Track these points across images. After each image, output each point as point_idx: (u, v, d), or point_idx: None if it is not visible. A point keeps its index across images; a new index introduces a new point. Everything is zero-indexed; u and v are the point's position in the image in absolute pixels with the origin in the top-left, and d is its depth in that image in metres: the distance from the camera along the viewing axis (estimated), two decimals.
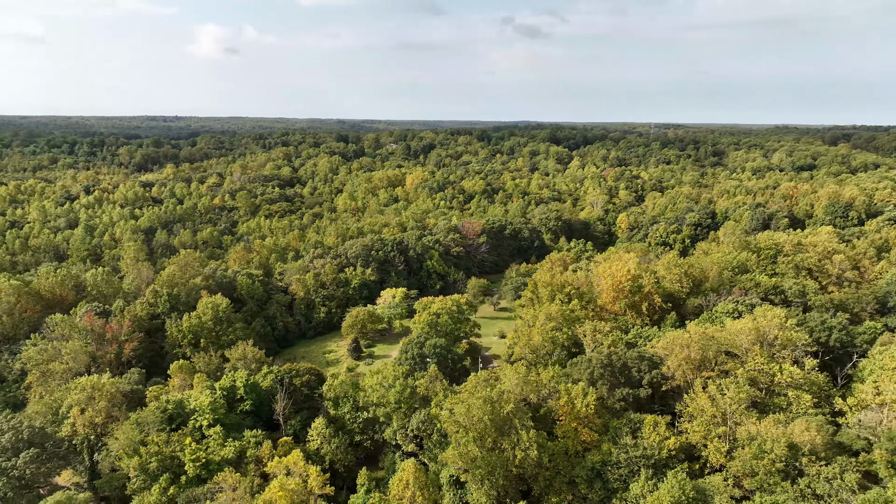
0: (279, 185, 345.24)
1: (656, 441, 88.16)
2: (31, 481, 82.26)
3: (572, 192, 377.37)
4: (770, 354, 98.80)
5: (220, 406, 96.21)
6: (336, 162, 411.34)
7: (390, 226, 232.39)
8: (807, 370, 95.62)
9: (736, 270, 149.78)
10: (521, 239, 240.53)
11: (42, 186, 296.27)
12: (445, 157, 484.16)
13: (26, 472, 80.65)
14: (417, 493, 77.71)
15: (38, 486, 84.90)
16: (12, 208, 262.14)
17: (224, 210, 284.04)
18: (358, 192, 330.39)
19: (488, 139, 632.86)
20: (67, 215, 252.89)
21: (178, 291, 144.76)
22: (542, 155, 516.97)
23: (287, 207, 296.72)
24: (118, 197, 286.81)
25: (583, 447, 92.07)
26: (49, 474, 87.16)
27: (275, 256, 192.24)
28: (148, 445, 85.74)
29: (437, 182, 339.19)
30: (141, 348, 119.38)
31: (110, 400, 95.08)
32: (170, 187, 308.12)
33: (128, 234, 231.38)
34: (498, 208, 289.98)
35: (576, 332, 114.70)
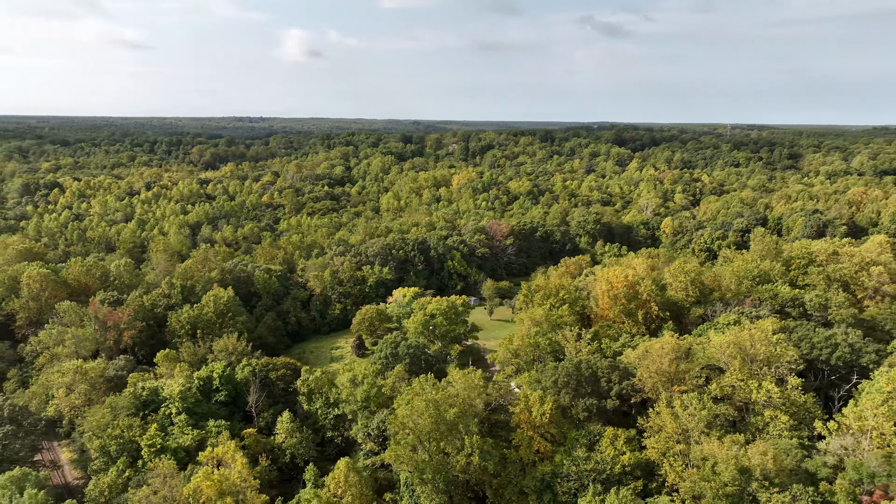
0: (329, 184, 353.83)
1: (611, 455, 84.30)
2: (8, 456, 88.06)
3: (625, 194, 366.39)
4: (751, 371, 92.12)
5: (190, 395, 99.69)
6: (389, 162, 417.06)
7: (420, 225, 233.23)
8: (790, 389, 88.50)
9: (756, 280, 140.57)
10: (552, 241, 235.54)
11: (109, 182, 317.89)
12: (501, 158, 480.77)
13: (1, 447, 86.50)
14: (348, 491, 77.66)
15: (18, 461, 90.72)
16: (79, 202, 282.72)
17: (270, 207, 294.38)
18: (402, 191, 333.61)
19: (551, 140, 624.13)
20: (125, 209, 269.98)
21: (192, 284, 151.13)
22: (601, 156, 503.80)
23: (331, 206, 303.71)
24: (175, 193, 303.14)
25: (538, 457, 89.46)
26: (30, 449, 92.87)
27: (298, 253, 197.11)
28: (112, 429, 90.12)
29: (483, 183, 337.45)
30: (141, 336, 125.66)
31: (91, 384, 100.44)
32: (224, 185, 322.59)
33: (174, 228, 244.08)
34: (538, 210, 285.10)
35: (557, 338, 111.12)
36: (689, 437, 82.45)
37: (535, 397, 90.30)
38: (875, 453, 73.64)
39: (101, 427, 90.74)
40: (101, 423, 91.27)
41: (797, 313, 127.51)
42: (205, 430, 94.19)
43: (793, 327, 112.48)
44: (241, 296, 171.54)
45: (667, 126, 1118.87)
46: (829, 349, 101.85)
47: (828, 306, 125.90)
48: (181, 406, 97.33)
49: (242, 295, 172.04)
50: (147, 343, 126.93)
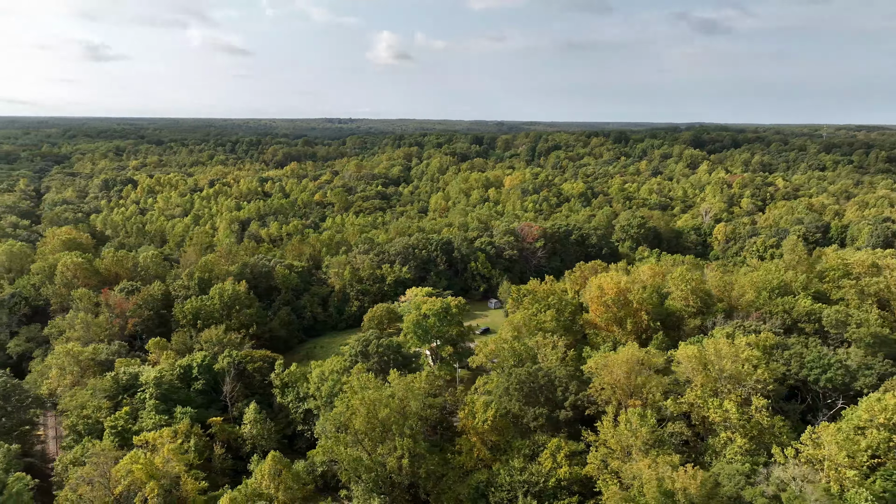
0: (383, 184, 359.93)
1: (548, 468, 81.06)
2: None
3: (689, 198, 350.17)
4: (717, 388, 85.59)
5: (165, 381, 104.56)
6: (447, 162, 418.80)
7: (453, 226, 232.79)
8: (753, 409, 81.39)
9: (776, 291, 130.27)
10: (587, 245, 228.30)
11: (178, 179, 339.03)
12: (564, 159, 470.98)
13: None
14: (272, 484, 78.93)
15: (7, 432, 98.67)
16: (146, 198, 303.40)
17: (319, 205, 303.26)
18: (452, 192, 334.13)
19: (625, 141, 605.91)
20: (185, 205, 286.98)
21: (209, 276, 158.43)
22: (672, 158, 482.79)
23: (378, 205, 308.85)
24: (234, 190, 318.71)
25: (482, 464, 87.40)
26: (18, 423, 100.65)
27: (326, 250, 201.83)
28: (84, 409, 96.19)
29: (533, 184, 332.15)
30: (147, 324, 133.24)
31: (81, 366, 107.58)
32: (281, 183, 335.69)
33: (224, 223, 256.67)
34: (584, 213, 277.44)
35: (530, 343, 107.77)
36: (629, 454, 77.85)
37: (480, 403, 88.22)
38: (818, 486, 66.62)
39: (77, 406, 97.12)
40: (77, 402, 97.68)
41: (812, 329, 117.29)
42: (171, 416, 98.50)
43: (790, 344, 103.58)
44: (262, 290, 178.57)
45: (763, 127, 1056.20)
46: (819, 370, 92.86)
47: (847, 323, 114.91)
48: (155, 392, 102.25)
49: (263, 289, 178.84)
50: (154, 331, 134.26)
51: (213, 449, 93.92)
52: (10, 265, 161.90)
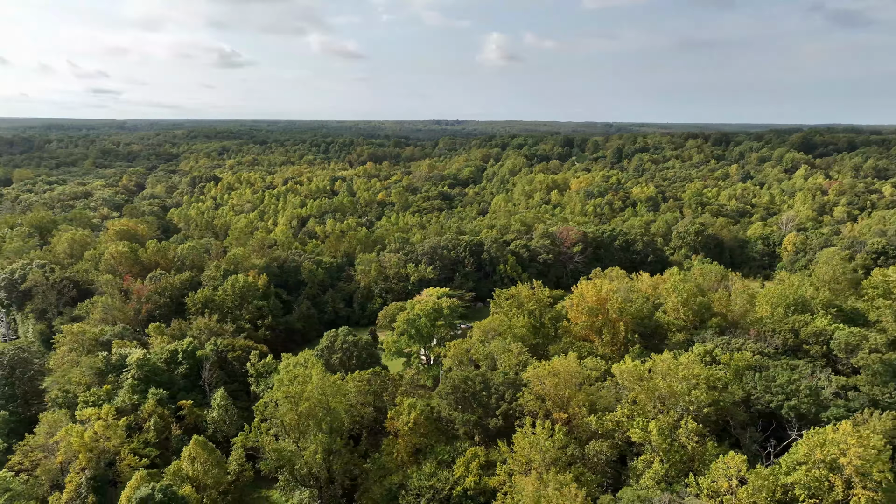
0: (450, 185, 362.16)
1: (457, 476, 79.20)
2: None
3: (776, 204, 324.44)
4: (655, 408, 79.40)
5: (148, 364, 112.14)
6: (520, 163, 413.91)
7: (496, 227, 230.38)
8: (681, 432, 74.74)
9: (791, 308, 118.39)
10: (632, 251, 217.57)
11: (256, 177, 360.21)
12: (647, 162, 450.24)
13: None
14: (197, 467, 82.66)
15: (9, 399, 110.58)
16: (223, 194, 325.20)
17: (380, 205, 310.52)
18: (516, 193, 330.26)
19: (726, 143, 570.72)
20: (255, 202, 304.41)
21: (234, 268, 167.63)
22: (770, 162, 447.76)
23: (438, 205, 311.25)
24: (304, 189, 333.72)
25: (401, 466, 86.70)
26: (24, 391, 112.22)
27: (360, 248, 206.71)
28: (66, 384, 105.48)
29: (601, 187, 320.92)
30: (161, 311, 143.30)
31: (84, 346, 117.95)
32: (349, 182, 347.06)
33: (285, 219, 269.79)
34: (641, 218, 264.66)
35: (490, 348, 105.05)
36: (531, 469, 74.17)
37: (406, 405, 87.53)
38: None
39: (64, 381, 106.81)
40: (65, 378, 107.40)
41: (819, 352, 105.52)
42: (145, 396, 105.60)
43: (770, 366, 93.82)
44: (291, 284, 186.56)
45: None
46: (783, 396, 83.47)
47: (860, 348, 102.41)
48: (136, 372, 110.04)
49: (292, 283, 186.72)
50: (169, 317, 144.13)
51: (171, 430, 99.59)
52: (71, 251, 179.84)
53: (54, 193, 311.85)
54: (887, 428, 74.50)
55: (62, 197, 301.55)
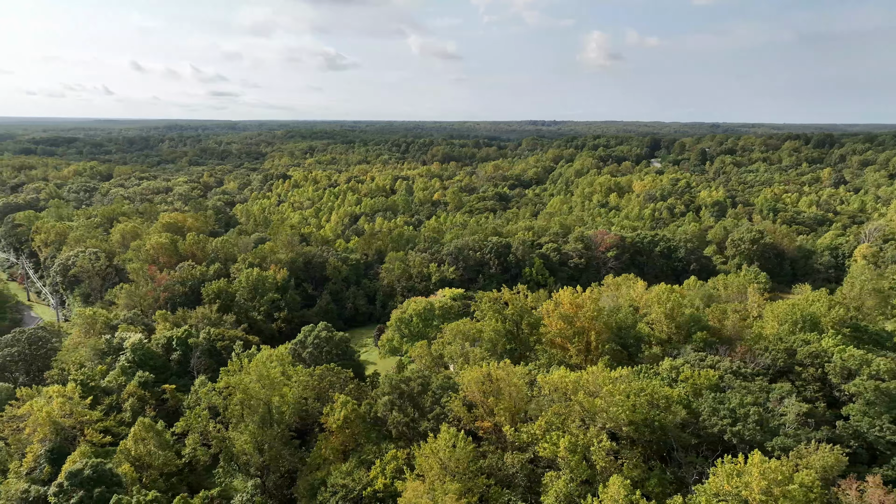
0: (511, 186, 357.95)
1: (371, 477, 78.85)
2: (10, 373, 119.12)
3: (866, 213, 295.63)
4: (564, 421, 75.02)
5: (142, 349, 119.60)
6: (589, 165, 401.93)
7: (534, 229, 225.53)
8: (594, 449, 70.11)
9: (799, 325, 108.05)
10: (674, 258, 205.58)
11: (322, 175, 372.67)
12: (729, 164, 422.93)
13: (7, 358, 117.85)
14: (141, 448, 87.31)
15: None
16: (287, 191, 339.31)
17: (434, 204, 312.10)
18: (576, 195, 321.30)
19: (830, 144, 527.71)
20: (315, 199, 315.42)
21: (258, 261, 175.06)
22: (874, 166, 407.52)
23: (491, 206, 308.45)
24: (364, 188, 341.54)
25: (329, 463, 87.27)
26: (44, 367, 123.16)
27: (391, 246, 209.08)
28: (65, 363, 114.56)
29: (664, 190, 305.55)
30: (179, 299, 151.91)
31: (95, 328, 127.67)
32: (408, 182, 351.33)
33: (335, 217, 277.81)
34: (698, 224, 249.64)
35: (446, 351, 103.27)
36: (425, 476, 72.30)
37: (340, 402, 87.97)
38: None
39: (67, 360, 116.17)
40: (67, 356, 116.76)
41: (812, 375, 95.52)
42: (132, 377, 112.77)
43: (736, 387, 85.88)
44: (317, 279, 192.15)
45: None
46: (729, 421, 76.09)
47: (856, 372, 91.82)
48: (130, 356, 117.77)
49: (318, 278, 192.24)
50: (186, 305, 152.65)
51: (146, 411, 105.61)
52: (122, 241, 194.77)
53: (139, 188, 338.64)
54: (828, 464, 66.26)
55: (144, 191, 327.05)
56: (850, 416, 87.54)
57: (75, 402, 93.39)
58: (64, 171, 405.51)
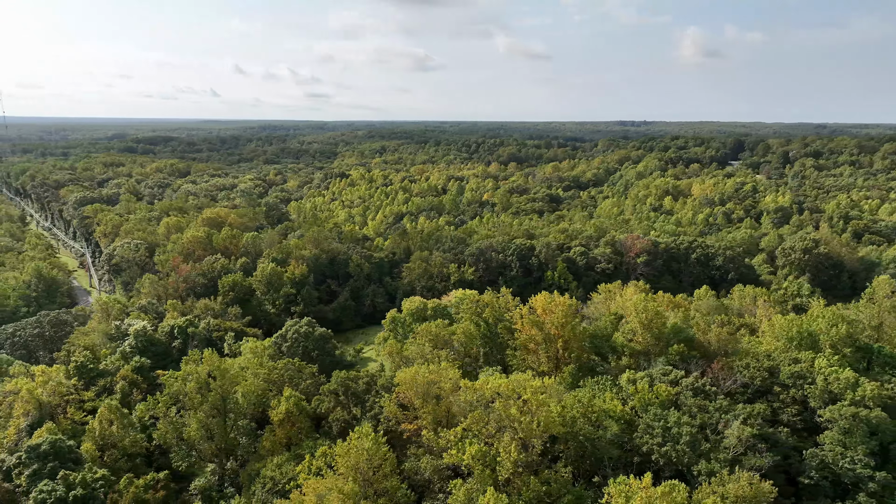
0: (566, 188, 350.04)
1: (297, 471, 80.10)
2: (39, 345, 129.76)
3: None
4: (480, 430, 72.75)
5: (144, 336, 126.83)
6: (653, 166, 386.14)
7: (567, 232, 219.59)
8: (503, 461, 67.71)
9: (795, 343, 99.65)
10: (711, 266, 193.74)
11: (378, 174, 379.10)
12: (809, 168, 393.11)
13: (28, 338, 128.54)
14: (106, 428, 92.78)
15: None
16: (343, 189, 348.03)
17: (482, 205, 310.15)
18: (628, 198, 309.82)
19: None
20: (366, 197, 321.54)
21: (283, 257, 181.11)
22: None
23: (541, 207, 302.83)
24: (416, 187, 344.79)
25: (274, 454, 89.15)
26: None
27: (420, 245, 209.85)
28: (73, 346, 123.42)
29: (722, 195, 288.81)
30: (197, 290, 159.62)
31: (111, 314, 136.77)
32: (461, 182, 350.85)
33: (380, 216, 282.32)
34: (750, 231, 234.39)
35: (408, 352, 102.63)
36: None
37: (284, 396, 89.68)
38: None
39: (74, 342, 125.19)
40: (77, 339, 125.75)
41: (791, 397, 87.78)
42: (128, 362, 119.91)
43: (690, 405, 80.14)
44: (340, 275, 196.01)
45: None
46: (657, 442, 71.17)
47: (841, 398, 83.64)
48: (133, 342, 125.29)
49: (342, 275, 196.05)
50: (204, 296, 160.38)
51: (133, 394, 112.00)
52: (167, 234, 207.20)
53: (207, 185, 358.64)
54: (744, 494, 60.68)
55: (210, 188, 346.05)
56: (823, 445, 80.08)
57: (59, 381, 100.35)
58: (147, 167, 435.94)
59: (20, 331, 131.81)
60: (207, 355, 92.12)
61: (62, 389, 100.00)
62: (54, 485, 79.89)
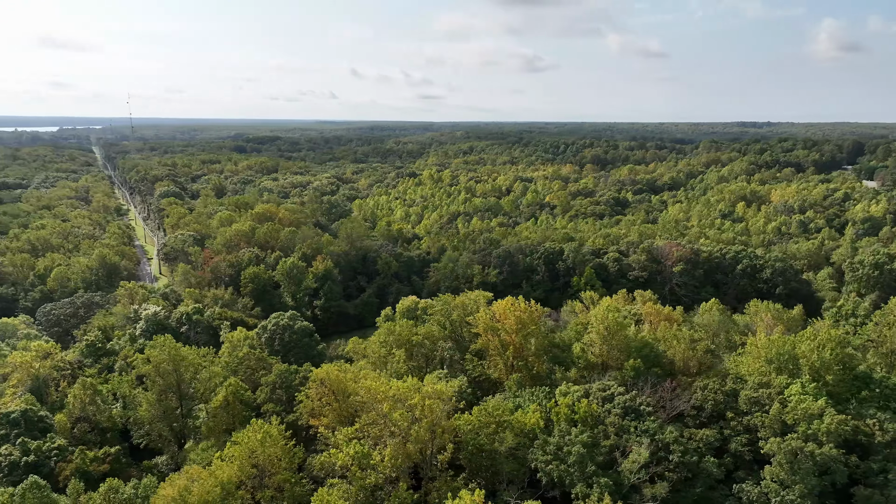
0: (637, 191, 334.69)
1: (216, 456, 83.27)
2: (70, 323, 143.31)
3: None
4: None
5: (155, 320, 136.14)
6: (738, 170, 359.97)
7: (609, 236, 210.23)
8: (377, 462, 66.64)
9: (774, 365, 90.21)
10: (758, 279, 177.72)
11: (446, 174, 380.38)
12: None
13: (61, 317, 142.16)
14: (77, 404, 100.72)
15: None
16: (409, 188, 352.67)
17: (542, 207, 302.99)
18: (698, 204, 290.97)
19: None
20: (428, 196, 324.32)
21: (311, 252, 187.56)
22: None
23: (601, 211, 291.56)
24: (481, 188, 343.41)
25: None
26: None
27: (454, 245, 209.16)
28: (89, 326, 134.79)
29: (803, 202, 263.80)
30: (222, 280, 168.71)
31: (136, 298, 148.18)
32: (525, 184, 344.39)
33: (434, 215, 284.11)
34: (816, 242, 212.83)
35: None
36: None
37: (227, 383, 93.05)
38: None
39: (94, 323, 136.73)
40: (97, 321, 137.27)
41: (743, 425, 79.57)
42: (133, 344, 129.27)
43: (608, 424, 74.67)
44: (370, 272, 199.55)
45: None
46: (547, 458, 66.83)
47: (794, 429, 75.05)
48: (144, 325, 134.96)
49: (371, 271, 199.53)
50: (228, 285, 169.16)
51: (128, 372, 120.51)
52: (219, 227, 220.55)
53: (286, 182, 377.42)
54: None
55: (286, 185, 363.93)
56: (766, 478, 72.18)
57: (54, 355, 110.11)
58: (239, 165, 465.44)
59: (56, 310, 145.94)
60: (163, 340, 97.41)
61: (56, 363, 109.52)
62: (13, 449, 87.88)
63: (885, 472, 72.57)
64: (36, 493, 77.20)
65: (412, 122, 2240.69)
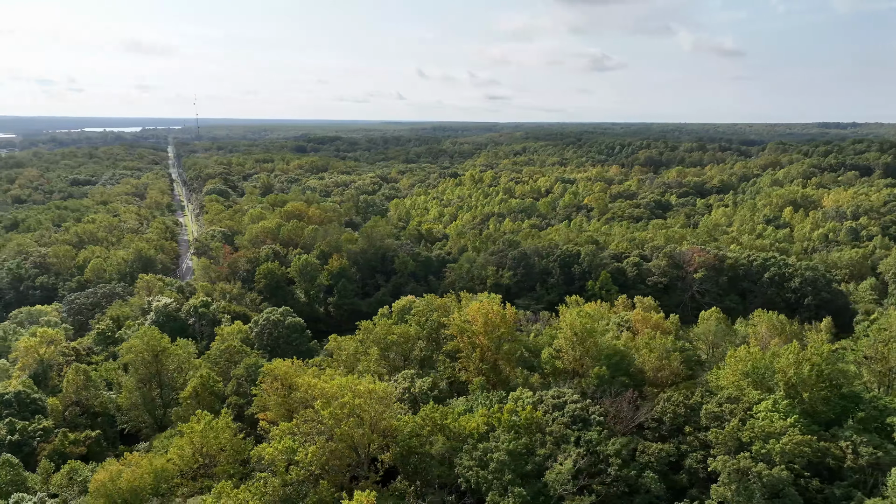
0: (682, 194, 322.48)
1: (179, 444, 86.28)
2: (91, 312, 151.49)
3: None
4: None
5: (164, 312, 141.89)
6: (795, 173, 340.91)
7: (635, 240, 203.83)
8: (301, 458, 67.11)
9: (750, 380, 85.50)
10: (786, 288, 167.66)
11: (487, 175, 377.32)
12: None
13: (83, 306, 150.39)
14: (70, 388, 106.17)
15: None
16: (447, 189, 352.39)
17: (579, 209, 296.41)
18: (743, 208, 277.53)
19: None
20: (465, 195, 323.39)
21: (331, 250, 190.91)
22: None
23: (639, 214, 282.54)
24: (520, 189, 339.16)
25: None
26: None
27: (475, 245, 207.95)
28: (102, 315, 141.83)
29: (857, 207, 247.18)
30: (237, 275, 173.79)
31: (153, 290, 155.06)
32: (565, 185, 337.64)
33: (467, 216, 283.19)
34: (859, 251, 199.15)
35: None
36: None
37: (198, 373, 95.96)
38: None
39: (108, 313, 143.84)
40: (112, 311, 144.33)
41: (699, 440, 75.61)
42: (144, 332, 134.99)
43: (549, 432, 72.45)
44: (389, 271, 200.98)
45: None
46: (467, 465, 65.38)
47: (748, 447, 70.92)
48: (154, 316, 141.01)
49: (390, 270, 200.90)
50: (248, 281, 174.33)
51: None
52: (250, 223, 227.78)
53: (330, 181, 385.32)
54: None
55: (329, 184, 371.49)
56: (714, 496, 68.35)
57: (59, 341, 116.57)
58: (291, 164, 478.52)
59: (79, 299, 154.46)
60: (144, 331, 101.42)
61: (61, 349, 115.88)
62: (1, 428, 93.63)
63: (849, 499, 67.22)
64: (8, 469, 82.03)
65: (476, 122, 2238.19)
